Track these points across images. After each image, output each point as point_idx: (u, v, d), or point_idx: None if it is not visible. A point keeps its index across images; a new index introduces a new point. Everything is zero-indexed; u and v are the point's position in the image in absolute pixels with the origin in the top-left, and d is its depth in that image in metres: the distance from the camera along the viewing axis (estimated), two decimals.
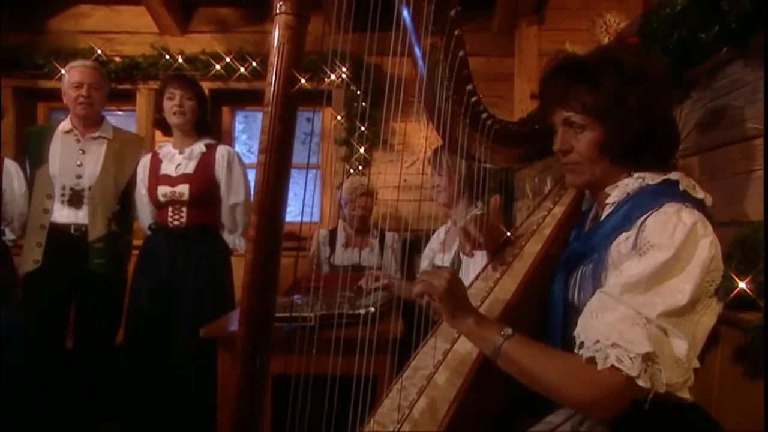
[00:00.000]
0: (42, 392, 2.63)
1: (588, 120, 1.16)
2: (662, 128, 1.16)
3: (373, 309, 1.95)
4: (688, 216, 1.02)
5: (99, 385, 2.75)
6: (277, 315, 1.05)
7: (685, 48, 1.49)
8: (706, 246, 1.00)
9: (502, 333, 1.09)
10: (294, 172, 1.01)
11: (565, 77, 1.18)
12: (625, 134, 1.13)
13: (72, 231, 2.71)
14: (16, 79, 4.10)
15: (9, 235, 2.72)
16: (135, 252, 2.98)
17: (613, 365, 0.95)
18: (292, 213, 1.05)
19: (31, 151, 2.81)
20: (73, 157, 2.75)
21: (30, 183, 2.74)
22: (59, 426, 2.73)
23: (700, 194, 1.10)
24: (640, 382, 0.94)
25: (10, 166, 2.69)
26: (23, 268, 2.66)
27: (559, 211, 1.47)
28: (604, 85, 1.13)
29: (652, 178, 1.13)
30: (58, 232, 2.70)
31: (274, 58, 0.95)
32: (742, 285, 1.21)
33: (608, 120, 1.14)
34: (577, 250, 1.22)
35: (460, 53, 1.30)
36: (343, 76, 3.91)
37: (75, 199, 2.72)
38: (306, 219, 3.95)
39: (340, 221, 3.43)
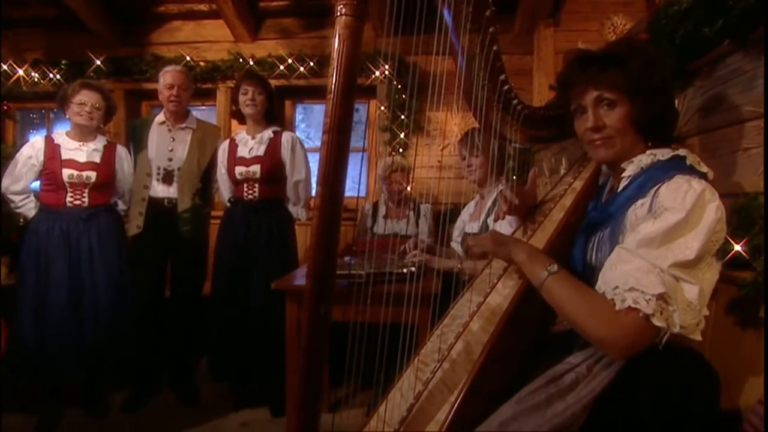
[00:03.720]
0: (148, 330, 2.71)
1: (618, 95, 1.10)
2: (673, 108, 1.15)
3: (414, 269, 1.94)
4: (698, 184, 0.98)
5: (192, 326, 2.82)
6: (337, 272, 1.04)
7: (690, 42, 1.43)
8: (713, 210, 0.96)
9: (548, 268, 1.08)
10: None
11: (597, 63, 1.12)
12: (651, 109, 1.10)
13: (165, 204, 2.75)
14: (126, 84, 4.22)
15: (121, 206, 2.80)
16: (213, 221, 3.04)
17: (630, 306, 0.92)
18: (345, 189, 1.02)
19: (134, 139, 2.86)
20: (166, 144, 2.79)
21: (134, 164, 2.79)
22: (162, 357, 2.83)
23: (704, 168, 1.06)
24: (656, 321, 0.91)
25: (121, 151, 2.74)
26: (129, 232, 2.74)
27: (579, 184, 1.43)
28: (632, 65, 1.08)
29: (662, 155, 1.09)
30: (155, 204, 2.75)
31: (335, 53, 0.92)
32: (737, 248, 1.20)
33: (636, 96, 1.09)
34: (596, 217, 1.18)
35: (494, 47, 1.27)
36: (387, 72, 3.88)
37: (167, 177, 2.76)
38: (358, 194, 3.97)
39: (382, 195, 3.39)
